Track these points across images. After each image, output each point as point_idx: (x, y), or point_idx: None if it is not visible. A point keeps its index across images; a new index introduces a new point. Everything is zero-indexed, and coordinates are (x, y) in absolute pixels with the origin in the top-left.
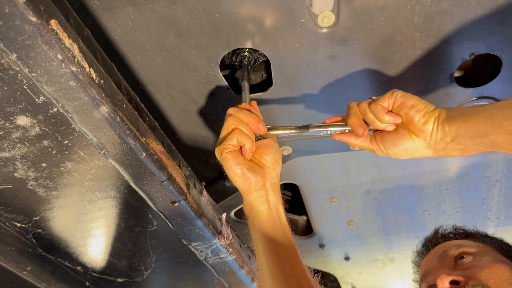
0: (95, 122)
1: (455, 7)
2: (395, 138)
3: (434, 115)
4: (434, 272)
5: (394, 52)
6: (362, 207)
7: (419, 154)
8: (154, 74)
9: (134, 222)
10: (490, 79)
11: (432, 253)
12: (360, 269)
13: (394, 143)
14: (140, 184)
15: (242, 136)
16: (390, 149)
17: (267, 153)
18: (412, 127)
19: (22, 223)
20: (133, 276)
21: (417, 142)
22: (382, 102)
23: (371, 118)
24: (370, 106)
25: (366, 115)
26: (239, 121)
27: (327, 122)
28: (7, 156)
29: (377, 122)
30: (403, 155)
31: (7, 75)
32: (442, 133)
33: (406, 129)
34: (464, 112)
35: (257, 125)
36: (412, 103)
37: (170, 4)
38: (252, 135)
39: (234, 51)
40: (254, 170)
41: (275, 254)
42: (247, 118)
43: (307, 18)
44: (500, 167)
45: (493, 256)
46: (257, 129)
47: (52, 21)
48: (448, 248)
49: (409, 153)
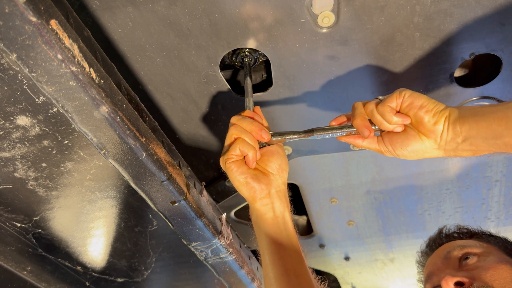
0: (95, 122)
1: (455, 7)
2: (404, 139)
3: (445, 115)
4: (439, 273)
5: (394, 52)
6: (362, 207)
7: (429, 155)
8: (154, 74)
9: (134, 222)
10: (490, 79)
11: (436, 253)
12: (360, 269)
13: (403, 144)
14: (140, 184)
15: (244, 146)
16: (399, 150)
17: (272, 160)
18: (421, 127)
19: (22, 223)
20: (133, 276)
21: (427, 143)
22: (390, 103)
23: (378, 120)
24: (377, 107)
25: (373, 116)
26: (242, 130)
27: (332, 124)
28: (7, 156)
29: (385, 124)
30: (412, 156)
31: (7, 75)
32: (453, 134)
33: (415, 129)
34: (477, 111)
35: (260, 133)
36: (421, 103)
37: (170, 4)
38: (255, 144)
39: (234, 51)
40: (259, 179)
41: (280, 263)
42: (249, 126)
43: (307, 18)
44: (500, 167)
45: (497, 257)
46: (260, 137)
47: (52, 21)
48: (452, 249)
49: (419, 154)
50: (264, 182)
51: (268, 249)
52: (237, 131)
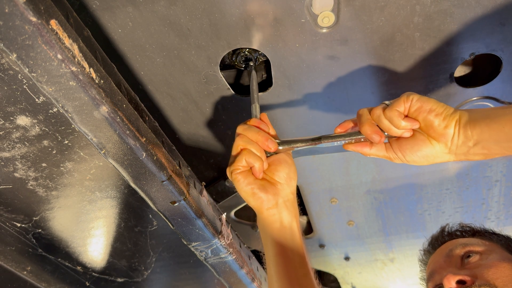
0: (95, 122)
1: (455, 7)
2: (413, 144)
3: (455, 118)
4: (441, 271)
5: (394, 52)
6: (362, 207)
7: (439, 159)
8: (154, 74)
9: (134, 222)
10: (490, 79)
11: (439, 252)
12: (360, 269)
13: (413, 150)
14: (140, 184)
15: (251, 157)
16: (409, 156)
17: (280, 169)
18: (431, 132)
19: (22, 223)
20: (133, 276)
21: (437, 148)
22: (398, 107)
23: (386, 125)
24: (384, 111)
25: (380, 121)
26: (248, 140)
27: (337, 131)
28: (7, 156)
29: (393, 129)
30: (423, 162)
31: (7, 75)
32: (464, 137)
33: (425, 134)
34: (488, 114)
35: (266, 143)
36: (430, 107)
37: (170, 4)
38: (262, 154)
39: (234, 51)
40: (266, 189)
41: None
42: (255, 136)
43: (307, 18)
44: (500, 167)
45: (500, 255)
46: (266, 148)
47: (52, 21)
48: (454, 247)
49: (430, 159)
50: (271, 192)
51: (274, 260)
52: (243, 141)
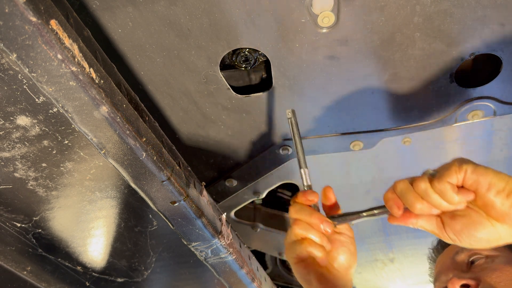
0: (95, 122)
1: (455, 7)
2: (468, 225)
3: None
4: (447, 273)
5: (394, 52)
6: (362, 207)
7: (504, 241)
8: (154, 74)
9: (134, 222)
10: (490, 79)
11: (446, 252)
12: (360, 269)
13: (469, 234)
14: (140, 184)
15: (312, 247)
16: (465, 240)
17: (340, 252)
18: (493, 212)
19: (22, 223)
20: (133, 276)
21: (501, 229)
22: (449, 178)
23: (436, 201)
24: (433, 184)
25: (428, 196)
26: (306, 227)
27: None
28: (7, 156)
29: (444, 204)
30: (484, 245)
31: (7, 75)
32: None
33: (483, 212)
34: None
35: (321, 228)
36: (489, 182)
37: (170, 4)
38: (322, 240)
39: (234, 51)
40: (326, 280)
41: None
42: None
43: (307, 18)
44: (500, 168)
45: (506, 258)
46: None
47: (52, 21)
48: (461, 249)
49: (492, 242)
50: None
51: None
52: (301, 229)
